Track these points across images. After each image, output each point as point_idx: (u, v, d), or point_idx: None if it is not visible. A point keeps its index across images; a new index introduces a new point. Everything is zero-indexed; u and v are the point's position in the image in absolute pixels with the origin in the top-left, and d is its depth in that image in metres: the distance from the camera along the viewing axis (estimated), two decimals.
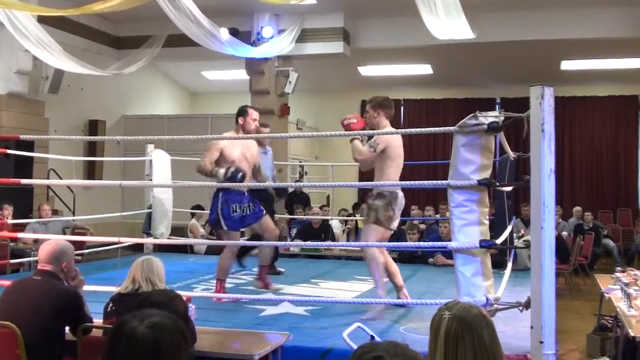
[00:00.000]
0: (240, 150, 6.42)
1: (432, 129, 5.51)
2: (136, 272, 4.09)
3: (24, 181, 8.22)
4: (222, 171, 6.19)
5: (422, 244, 7.02)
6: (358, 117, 5.86)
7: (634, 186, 16.52)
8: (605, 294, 6.00)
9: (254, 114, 6.47)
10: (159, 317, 2.09)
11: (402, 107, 16.85)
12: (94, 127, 14.28)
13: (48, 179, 11.90)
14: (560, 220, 12.76)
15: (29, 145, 10.06)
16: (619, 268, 6.20)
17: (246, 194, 6.52)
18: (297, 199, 12.71)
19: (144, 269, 4.08)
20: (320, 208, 12.14)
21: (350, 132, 5.67)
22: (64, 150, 11.92)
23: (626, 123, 16.56)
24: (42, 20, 10.13)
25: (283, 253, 10.31)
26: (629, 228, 14.94)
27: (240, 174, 6.18)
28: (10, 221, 9.08)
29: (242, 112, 6.47)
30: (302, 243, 9.25)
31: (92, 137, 13.09)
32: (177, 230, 11.12)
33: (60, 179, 12.03)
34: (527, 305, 4.31)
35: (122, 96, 15.55)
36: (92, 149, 13.97)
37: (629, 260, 12.10)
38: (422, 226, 10.65)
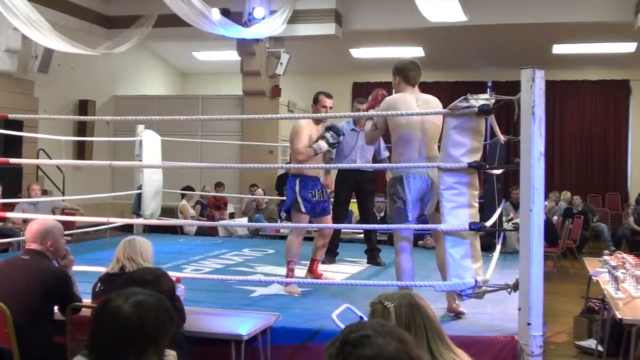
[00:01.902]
0: (310, 135, 6.07)
1: (423, 111, 5.49)
2: (119, 251, 4.10)
3: (13, 160, 8.16)
4: (322, 142, 5.88)
5: (411, 226, 7.02)
6: (374, 95, 5.87)
7: (624, 171, 16.61)
8: (593, 277, 6.04)
9: (325, 101, 6.19)
10: (144, 296, 2.10)
11: (393, 90, 16.77)
12: (83, 107, 14.19)
13: (37, 158, 11.85)
14: (555, 205, 12.82)
15: (18, 125, 10.01)
16: (606, 251, 6.24)
17: (319, 179, 6.27)
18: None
19: (126, 248, 4.08)
20: None
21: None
22: (54, 130, 11.84)
23: (616, 108, 16.61)
24: None
25: (273, 235, 10.34)
26: (618, 212, 15.04)
27: (336, 127, 6.00)
28: None
29: (315, 99, 6.24)
30: (291, 225, 9.20)
31: (81, 117, 13.01)
32: (167, 211, 11.10)
33: (50, 159, 11.97)
34: (515, 287, 4.33)
35: (112, 76, 15.45)
36: (82, 129, 13.89)
37: (617, 243, 12.18)
38: None
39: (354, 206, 8.55)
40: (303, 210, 6.03)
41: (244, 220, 11.67)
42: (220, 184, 12.87)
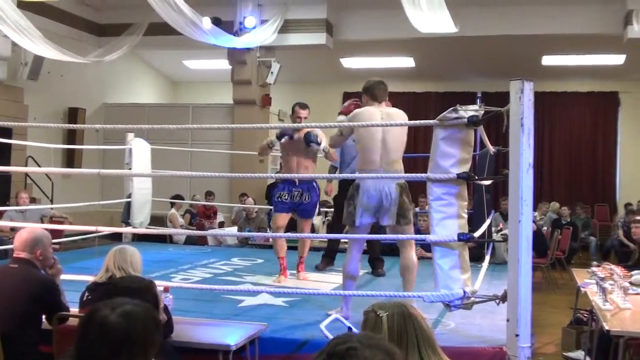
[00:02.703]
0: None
1: (413, 122, 5.52)
2: (109, 261, 4.08)
3: (1, 168, 8.14)
4: (272, 137, 6.85)
5: (401, 236, 7.02)
6: (348, 103, 5.96)
7: (612, 182, 16.68)
8: (582, 288, 6.06)
9: (299, 112, 6.76)
10: (131, 306, 2.09)
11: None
12: (73, 114, 14.14)
13: (26, 166, 11.79)
14: (542, 216, 12.86)
15: (7, 132, 9.96)
16: (595, 262, 6.26)
17: (297, 182, 6.83)
18: None
19: (117, 257, 4.06)
20: None
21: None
22: (43, 137, 11.79)
23: (605, 119, 16.70)
24: (21, 5, 10.00)
25: (263, 244, 10.31)
26: (607, 223, 15.08)
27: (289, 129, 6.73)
28: None
29: (292, 109, 6.90)
30: (284, 235, 9.18)
31: (71, 126, 12.97)
32: (156, 220, 11.07)
33: (39, 166, 11.91)
34: (503, 298, 4.34)
35: (102, 84, 15.41)
36: (71, 136, 13.83)
37: (605, 255, 12.22)
38: None
39: None
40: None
41: (234, 230, 11.64)
42: (211, 193, 12.85)
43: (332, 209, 9.85)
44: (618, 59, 14.59)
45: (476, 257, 6.41)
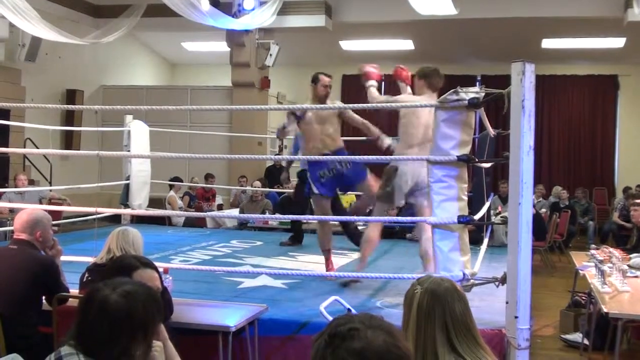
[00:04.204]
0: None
1: (413, 104, 5.51)
2: (112, 242, 4.07)
3: None
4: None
5: (400, 218, 7.02)
6: (378, 69, 5.97)
7: (611, 165, 16.68)
8: (580, 271, 6.08)
9: (325, 80, 6.35)
10: (132, 286, 2.08)
11: (382, 83, 16.78)
12: (71, 96, 14.08)
13: (24, 148, 11.76)
14: (541, 199, 12.86)
15: (4, 114, 9.92)
16: (593, 245, 6.27)
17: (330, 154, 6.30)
18: (277, 172, 12.67)
19: (119, 239, 4.05)
20: None
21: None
22: (41, 119, 11.77)
23: (604, 102, 16.66)
24: None
25: (262, 227, 10.32)
26: (604, 207, 15.10)
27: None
28: None
29: (314, 78, 6.38)
30: (281, 216, 9.21)
31: (69, 107, 12.92)
32: (155, 202, 11.07)
33: (37, 148, 11.89)
34: (503, 280, 4.34)
35: (100, 66, 15.35)
36: (69, 118, 13.80)
37: (604, 238, 12.25)
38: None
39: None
40: (316, 191, 6.23)
41: (233, 212, 11.63)
42: (211, 175, 12.84)
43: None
44: (618, 42, 14.53)
45: (475, 240, 6.40)
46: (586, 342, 5.62)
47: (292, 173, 9.68)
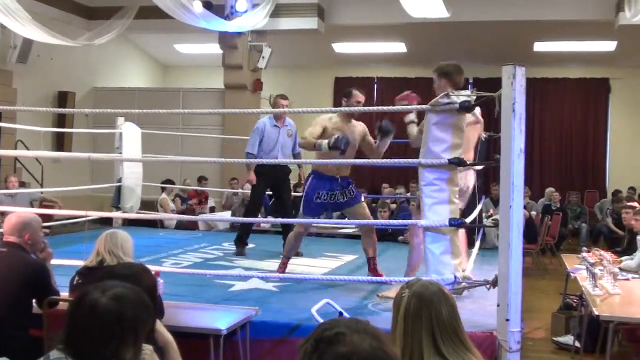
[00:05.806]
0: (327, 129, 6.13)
1: (405, 107, 5.52)
2: (100, 245, 4.05)
3: None
4: (325, 142, 5.83)
5: (392, 221, 7.04)
6: (410, 95, 5.58)
7: (602, 168, 16.72)
8: (571, 274, 6.10)
9: (359, 96, 6.21)
10: (122, 289, 2.07)
11: (375, 85, 16.83)
12: (63, 98, 14.04)
13: (15, 150, 11.71)
14: (529, 200, 12.87)
15: None
16: (585, 248, 6.29)
17: (339, 180, 6.18)
18: None
19: (108, 242, 4.03)
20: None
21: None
22: (32, 121, 11.70)
23: (596, 105, 16.70)
24: None
25: (254, 229, 10.29)
26: None
27: (346, 140, 5.80)
28: None
29: (347, 93, 6.25)
30: (274, 220, 9.19)
31: (60, 110, 12.87)
32: (147, 205, 11.04)
33: (28, 150, 11.84)
34: (494, 283, 4.35)
35: (92, 68, 15.30)
36: (61, 120, 13.75)
37: (595, 240, 12.28)
38: (393, 205, 10.70)
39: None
40: (300, 211, 6.17)
41: (225, 214, 11.61)
42: (204, 177, 12.81)
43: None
44: (609, 46, 14.59)
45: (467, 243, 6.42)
46: (577, 344, 5.63)
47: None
